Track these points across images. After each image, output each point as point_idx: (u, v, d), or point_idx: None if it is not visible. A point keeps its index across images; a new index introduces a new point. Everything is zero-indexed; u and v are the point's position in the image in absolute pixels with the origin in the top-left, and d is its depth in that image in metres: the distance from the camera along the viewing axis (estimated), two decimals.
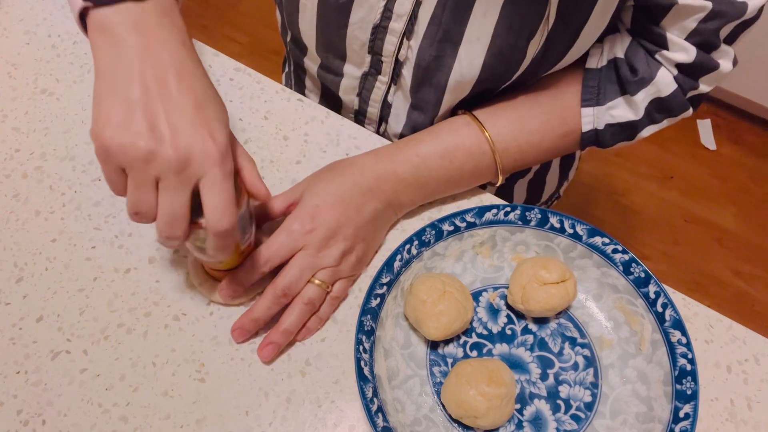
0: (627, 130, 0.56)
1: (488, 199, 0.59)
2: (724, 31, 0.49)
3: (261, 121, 0.64)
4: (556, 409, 0.49)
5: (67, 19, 0.71)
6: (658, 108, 0.54)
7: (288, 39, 0.68)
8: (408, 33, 0.53)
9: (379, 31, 0.54)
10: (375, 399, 0.45)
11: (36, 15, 0.71)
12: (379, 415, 0.44)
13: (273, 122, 0.64)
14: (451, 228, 0.53)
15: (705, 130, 1.75)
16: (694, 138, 1.74)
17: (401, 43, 0.54)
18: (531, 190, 0.78)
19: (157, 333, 0.51)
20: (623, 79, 0.53)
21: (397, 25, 0.53)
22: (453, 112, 0.59)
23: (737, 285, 1.51)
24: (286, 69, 0.81)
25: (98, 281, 0.53)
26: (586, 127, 0.56)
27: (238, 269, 0.49)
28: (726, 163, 1.70)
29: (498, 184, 0.58)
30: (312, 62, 0.65)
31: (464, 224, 0.53)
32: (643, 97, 0.53)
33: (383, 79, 0.59)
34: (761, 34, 1.46)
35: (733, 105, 1.77)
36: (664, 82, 0.52)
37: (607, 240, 0.52)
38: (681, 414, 0.45)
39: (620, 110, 0.55)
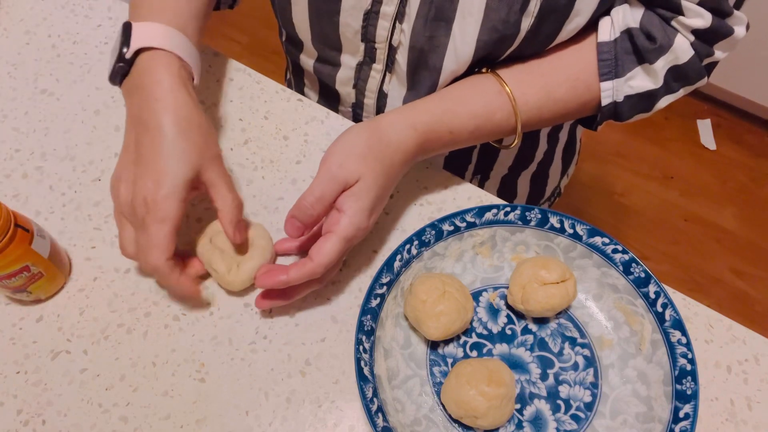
0: (645, 100, 0.56)
1: (488, 199, 0.59)
2: None
3: (261, 121, 0.64)
4: (556, 409, 0.49)
5: (66, 19, 0.71)
6: (676, 76, 0.54)
7: (284, 39, 0.68)
8: (400, 16, 0.53)
9: (370, 16, 0.54)
10: (375, 399, 0.45)
11: (36, 15, 0.71)
12: (379, 415, 0.44)
13: (273, 122, 0.64)
14: (451, 228, 0.53)
15: (705, 130, 1.75)
16: (694, 138, 1.74)
17: (394, 28, 0.54)
18: (534, 183, 0.78)
19: (157, 333, 0.51)
20: (640, 49, 0.53)
21: (388, 8, 0.53)
22: (477, 69, 0.58)
23: (737, 285, 1.51)
24: (288, 76, 0.81)
25: (98, 281, 0.53)
26: (606, 101, 0.56)
27: (294, 270, 0.47)
28: (726, 163, 1.70)
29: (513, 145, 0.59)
30: (308, 57, 0.65)
31: (464, 224, 0.53)
32: (662, 65, 0.53)
33: (378, 67, 0.59)
34: (761, 34, 1.46)
35: (733, 105, 1.77)
36: (682, 48, 0.52)
37: (607, 240, 0.52)
38: (681, 414, 0.45)
39: (639, 80, 0.54)
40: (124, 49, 0.49)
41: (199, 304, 0.52)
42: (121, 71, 0.50)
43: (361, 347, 0.46)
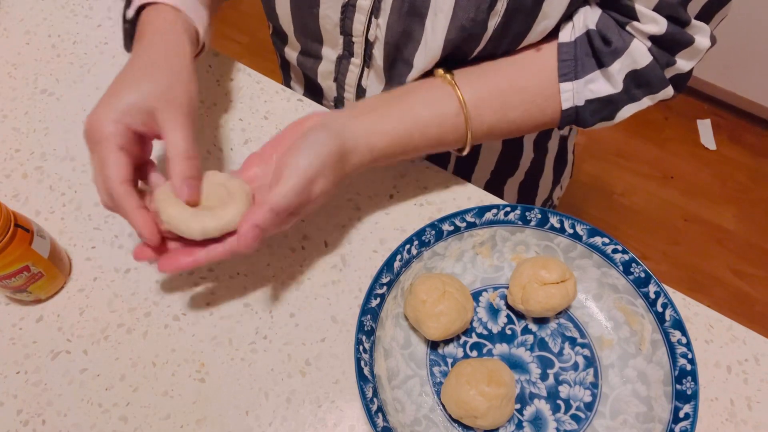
0: (607, 107, 0.54)
1: (488, 199, 0.59)
2: (694, 7, 0.49)
3: (261, 121, 0.64)
4: (556, 409, 0.49)
5: (66, 19, 0.71)
6: (636, 82, 0.52)
7: (271, 32, 0.68)
8: (376, 11, 0.53)
9: (348, 9, 0.54)
10: (375, 399, 0.45)
11: (36, 15, 0.71)
12: (379, 415, 0.44)
13: (273, 122, 0.64)
14: (451, 228, 0.53)
15: (705, 130, 1.75)
16: (694, 138, 1.74)
17: (370, 22, 0.55)
18: (522, 192, 0.77)
19: (157, 333, 0.51)
20: (597, 51, 0.52)
21: (364, 2, 0.53)
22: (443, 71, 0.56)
23: (737, 285, 1.51)
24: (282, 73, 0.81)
25: (98, 281, 0.53)
26: (566, 104, 0.54)
27: (203, 253, 0.45)
28: (726, 163, 1.70)
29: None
30: (292, 50, 0.66)
31: (464, 224, 0.53)
32: (618, 68, 0.52)
33: (356, 61, 0.60)
34: (761, 34, 1.46)
35: (733, 105, 1.77)
36: (639, 52, 0.51)
37: (607, 240, 0.52)
38: (681, 414, 0.45)
39: (599, 84, 0.53)
40: (127, 10, 0.52)
41: (154, 237, 0.44)
42: (128, 33, 0.53)
43: (361, 347, 0.46)
